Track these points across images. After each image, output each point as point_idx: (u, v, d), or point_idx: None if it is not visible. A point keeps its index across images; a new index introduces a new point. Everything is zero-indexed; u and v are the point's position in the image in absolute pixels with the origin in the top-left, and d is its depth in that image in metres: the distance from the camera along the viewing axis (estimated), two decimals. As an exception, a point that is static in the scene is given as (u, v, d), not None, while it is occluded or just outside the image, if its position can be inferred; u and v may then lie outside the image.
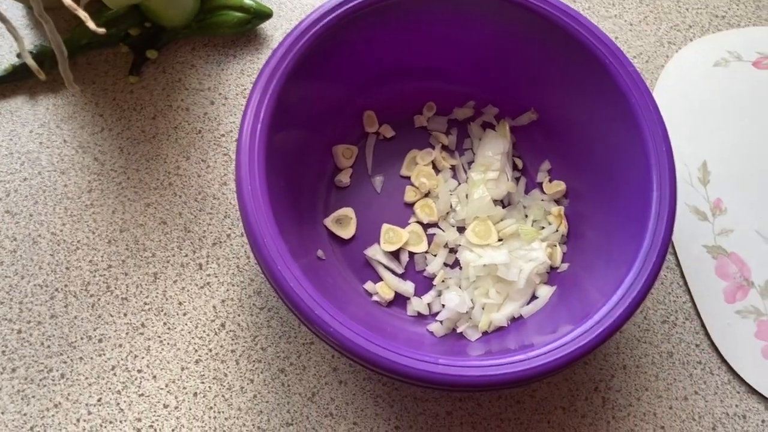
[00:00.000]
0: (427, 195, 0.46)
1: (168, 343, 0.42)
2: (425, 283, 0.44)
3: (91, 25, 0.30)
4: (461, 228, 0.45)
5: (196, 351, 0.42)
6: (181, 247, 0.44)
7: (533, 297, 0.42)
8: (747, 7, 0.54)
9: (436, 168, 0.46)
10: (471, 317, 0.42)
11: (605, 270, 0.38)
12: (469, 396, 0.42)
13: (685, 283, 0.46)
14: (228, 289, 0.43)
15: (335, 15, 0.39)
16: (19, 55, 0.46)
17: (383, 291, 0.42)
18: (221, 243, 0.44)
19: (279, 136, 0.38)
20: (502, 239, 0.44)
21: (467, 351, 0.40)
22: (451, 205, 0.45)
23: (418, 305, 0.42)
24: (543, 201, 0.45)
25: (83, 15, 0.30)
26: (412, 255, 0.44)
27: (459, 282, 0.43)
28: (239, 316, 0.43)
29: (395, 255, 0.44)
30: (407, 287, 0.43)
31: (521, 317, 0.41)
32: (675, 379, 0.44)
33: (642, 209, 0.37)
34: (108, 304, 0.43)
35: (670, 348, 0.44)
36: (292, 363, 0.42)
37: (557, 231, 0.44)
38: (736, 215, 0.48)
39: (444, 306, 0.42)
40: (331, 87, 0.43)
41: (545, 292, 0.42)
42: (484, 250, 0.43)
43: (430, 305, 0.43)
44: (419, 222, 0.45)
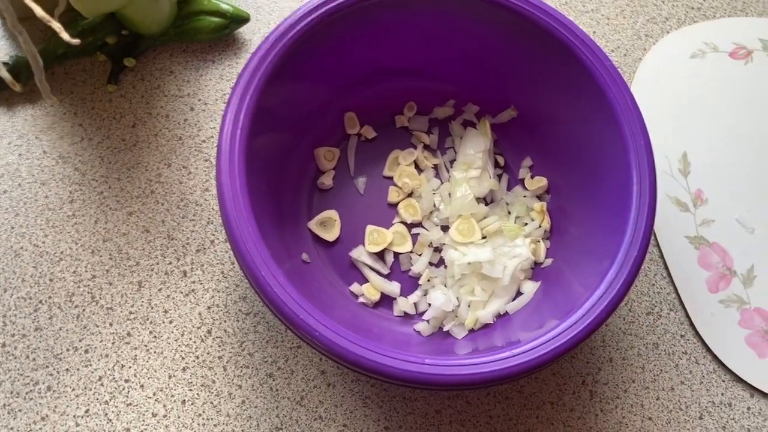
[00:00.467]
0: (411, 195, 0.46)
1: (155, 352, 0.42)
2: (411, 283, 0.44)
3: (65, 36, 0.30)
4: (445, 227, 0.45)
5: (183, 358, 0.42)
6: (165, 255, 0.44)
7: (518, 293, 0.43)
8: (722, -1, 0.55)
9: (418, 168, 0.47)
10: (457, 315, 0.42)
11: (588, 264, 0.38)
12: (458, 394, 0.42)
13: (669, 275, 0.46)
14: (213, 296, 0.43)
15: (313, 18, 0.39)
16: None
17: (369, 292, 0.42)
18: (205, 249, 0.44)
19: (259, 140, 0.37)
20: (485, 237, 0.44)
21: (454, 349, 0.40)
22: (435, 204, 0.45)
23: (404, 305, 0.42)
24: (525, 197, 0.45)
25: (57, 26, 0.30)
26: (397, 255, 0.44)
27: (444, 281, 0.43)
28: (225, 322, 0.43)
29: (380, 256, 0.44)
30: (393, 288, 0.43)
31: (507, 314, 0.42)
32: (661, 370, 0.44)
33: (622, 202, 0.37)
34: (93, 314, 0.42)
35: (655, 339, 0.45)
36: (279, 367, 0.42)
37: (540, 227, 0.44)
38: (717, 205, 0.48)
39: (430, 305, 0.42)
40: (311, 89, 0.43)
41: (530, 287, 0.42)
42: (468, 248, 0.43)
43: (416, 305, 0.43)
44: (403, 222, 0.45)
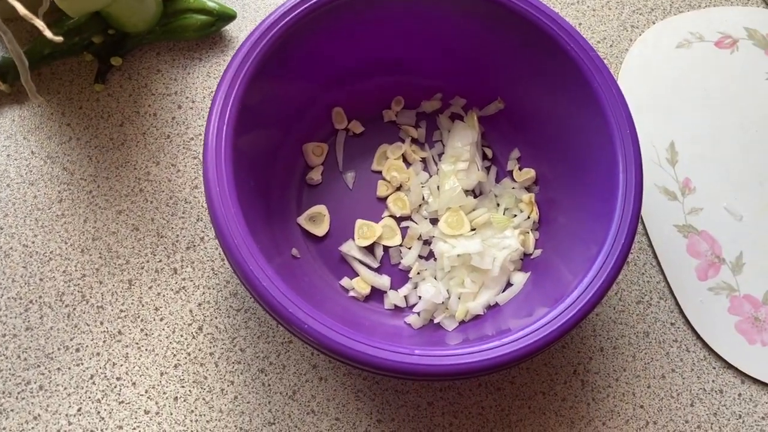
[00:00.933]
0: (399, 188, 0.46)
1: (146, 349, 0.42)
2: (401, 276, 0.44)
3: (48, 34, 0.30)
4: (434, 220, 0.45)
5: (174, 355, 0.42)
6: (155, 253, 0.44)
7: (508, 284, 0.43)
8: (707, -12, 0.55)
9: (406, 161, 0.47)
10: (447, 307, 0.42)
11: (577, 252, 0.39)
12: (450, 386, 0.43)
13: (658, 264, 0.47)
14: (204, 293, 0.43)
15: (297, 13, 0.39)
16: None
17: (359, 286, 0.43)
18: (195, 246, 0.44)
19: (246, 136, 0.38)
20: (474, 229, 0.44)
21: (445, 341, 0.40)
22: (423, 198, 0.45)
23: (394, 298, 0.43)
24: (514, 189, 0.45)
25: (40, 24, 0.30)
26: (386, 249, 0.44)
27: (434, 273, 0.43)
28: (216, 318, 0.43)
29: (370, 250, 0.44)
30: (383, 281, 0.43)
31: (497, 305, 0.42)
32: (652, 359, 0.44)
33: (609, 191, 0.37)
34: (84, 313, 0.42)
35: (645, 328, 0.45)
36: (271, 362, 0.42)
37: (529, 218, 0.44)
38: (705, 194, 0.48)
39: (420, 298, 0.42)
40: (298, 85, 0.43)
41: (520, 278, 0.42)
42: (457, 240, 0.43)
43: (406, 297, 0.43)
44: (392, 216, 0.45)
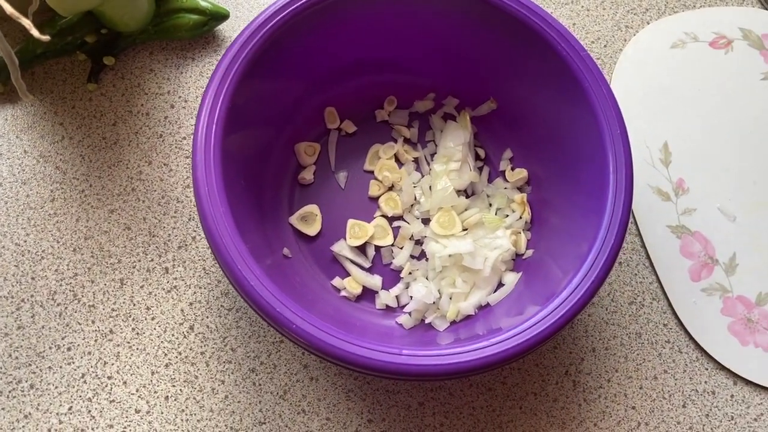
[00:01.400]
0: (391, 188, 0.46)
1: (137, 349, 0.42)
2: (393, 276, 0.44)
3: (36, 33, 0.30)
4: (426, 219, 0.45)
5: (165, 355, 0.42)
6: (147, 252, 0.44)
7: (500, 285, 0.43)
8: (703, -11, 0.55)
9: (398, 161, 0.47)
10: (439, 307, 0.42)
11: (568, 251, 0.38)
12: (441, 386, 0.43)
13: (651, 264, 0.46)
14: (195, 292, 0.43)
15: (288, 12, 0.39)
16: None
17: (351, 286, 0.43)
18: (187, 246, 0.44)
19: (236, 135, 0.38)
20: (466, 229, 0.44)
21: (436, 340, 0.40)
22: (415, 198, 0.45)
23: (386, 298, 0.43)
24: (506, 189, 0.45)
25: (27, 23, 0.30)
26: (378, 249, 0.44)
27: (426, 273, 0.43)
28: (208, 317, 0.43)
29: (362, 249, 0.44)
30: (375, 281, 0.43)
31: (488, 305, 0.42)
32: (644, 359, 0.44)
33: (600, 190, 0.37)
34: (75, 312, 0.42)
35: (638, 329, 0.45)
36: (262, 362, 0.42)
37: (521, 218, 0.44)
38: (698, 194, 0.48)
39: (411, 298, 0.42)
40: (289, 84, 0.43)
41: (511, 279, 0.42)
42: (448, 240, 0.43)
43: (398, 298, 0.43)
44: (384, 215, 0.45)
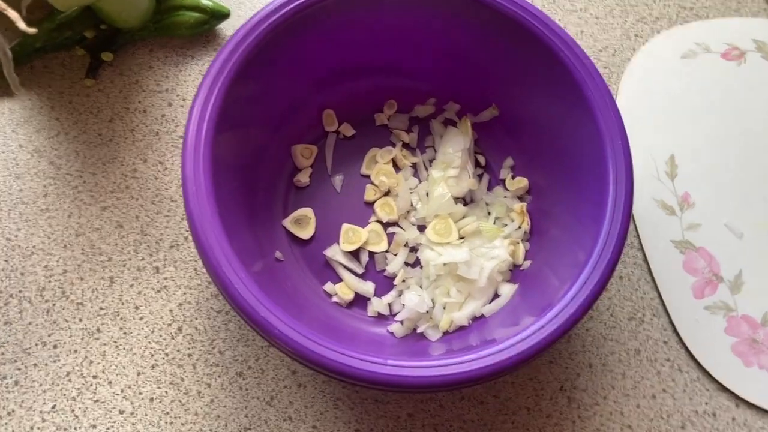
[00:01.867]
0: (388, 194, 0.45)
1: (124, 348, 0.41)
2: (386, 283, 0.43)
3: (21, 25, 0.30)
4: (422, 226, 0.44)
5: (152, 355, 0.41)
6: (138, 251, 0.44)
7: (495, 296, 0.42)
8: (716, -1, 0.54)
9: (396, 166, 0.46)
10: (432, 317, 0.41)
11: (566, 263, 0.37)
12: (431, 397, 0.42)
13: (653, 279, 0.45)
14: (185, 293, 0.43)
15: (285, 12, 0.38)
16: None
17: (343, 292, 0.42)
18: (178, 246, 0.44)
19: (229, 134, 0.37)
20: (463, 237, 0.43)
21: (428, 351, 0.39)
22: (412, 204, 0.44)
23: (378, 305, 0.42)
24: (506, 198, 0.44)
25: (14, 15, 0.30)
26: (372, 255, 0.44)
27: (420, 281, 0.42)
28: (196, 319, 0.42)
29: (355, 255, 0.43)
30: (367, 287, 0.42)
31: (483, 316, 0.41)
32: (642, 377, 0.43)
33: (599, 201, 0.36)
34: (63, 309, 0.42)
35: (637, 345, 0.44)
36: (250, 366, 0.41)
37: (520, 228, 0.43)
38: (704, 209, 0.47)
39: (404, 306, 0.41)
40: (287, 85, 0.42)
41: (507, 290, 0.41)
42: (444, 248, 0.42)
43: (390, 305, 0.42)
44: (379, 221, 0.44)
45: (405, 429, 0.41)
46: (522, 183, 0.44)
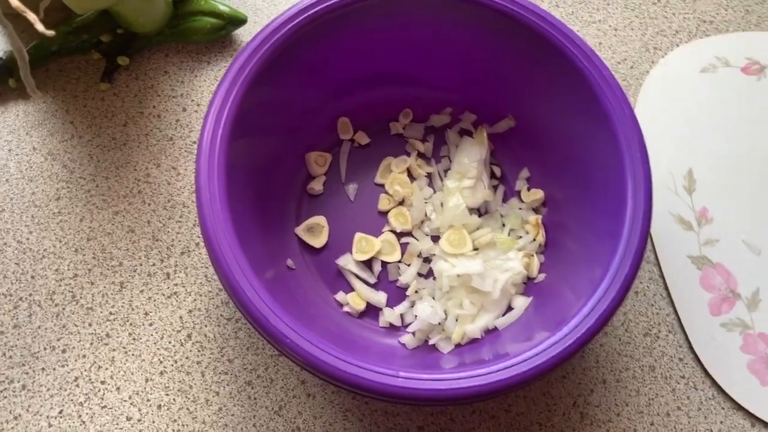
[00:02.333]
0: (402, 203, 0.44)
1: (133, 354, 0.41)
2: (398, 294, 0.43)
3: (40, 28, 0.30)
4: (436, 237, 0.44)
5: (161, 362, 0.41)
6: (149, 256, 0.43)
7: (509, 308, 0.41)
8: (736, 13, 0.53)
9: (411, 176, 0.45)
10: (444, 329, 0.40)
11: (581, 278, 0.37)
12: (442, 410, 0.41)
13: (669, 295, 0.45)
14: (195, 299, 0.42)
15: (302, 19, 0.38)
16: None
17: (354, 302, 0.41)
18: (189, 252, 0.44)
19: (244, 141, 0.37)
20: (477, 249, 0.42)
21: (440, 364, 0.38)
22: (426, 214, 0.44)
23: (390, 316, 0.41)
24: (521, 210, 0.44)
25: (32, 17, 0.30)
26: (385, 264, 0.43)
27: (432, 292, 0.42)
28: (206, 326, 0.42)
29: (368, 264, 0.43)
30: (379, 298, 0.42)
31: (496, 329, 0.40)
32: (657, 394, 0.42)
33: (617, 215, 0.35)
34: (73, 313, 0.42)
35: (652, 362, 0.43)
36: (259, 375, 0.41)
37: (534, 240, 0.43)
38: (722, 225, 0.46)
39: (416, 317, 0.41)
40: (303, 93, 0.42)
41: (521, 303, 0.40)
42: (458, 259, 0.42)
43: (402, 316, 0.42)
44: (393, 231, 0.44)
45: (415, 442, 0.40)
46: (537, 195, 0.44)
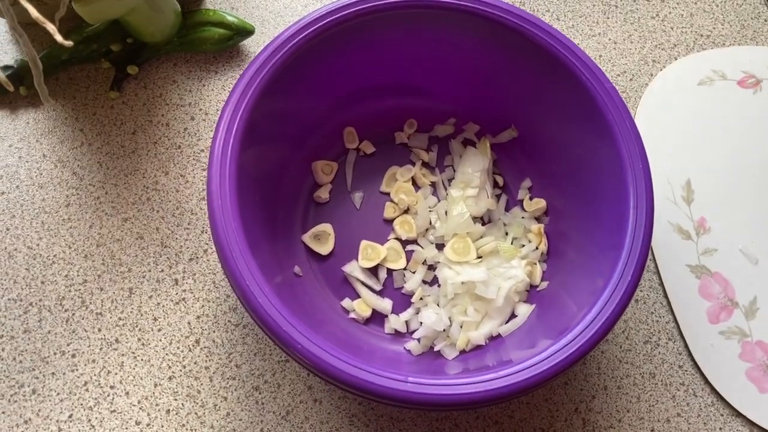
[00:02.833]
0: (407, 211, 0.45)
1: (142, 359, 0.42)
2: (403, 301, 0.43)
3: (59, 38, 0.30)
4: (440, 245, 0.44)
5: (169, 367, 0.42)
6: (158, 263, 0.44)
7: (512, 316, 0.42)
8: (732, 27, 0.54)
9: (416, 185, 0.46)
10: (449, 335, 0.41)
11: (584, 286, 0.38)
12: (447, 416, 0.42)
13: (668, 303, 0.45)
14: (203, 305, 0.43)
15: (312, 31, 0.39)
16: None
17: (360, 308, 0.42)
18: (198, 258, 0.44)
19: (254, 151, 0.37)
20: (481, 257, 0.43)
21: (444, 369, 0.39)
22: (431, 222, 0.45)
23: (395, 323, 0.42)
24: (523, 219, 0.45)
25: (51, 28, 0.30)
26: (390, 272, 0.44)
27: (437, 299, 0.43)
28: (214, 332, 0.42)
29: (373, 272, 0.44)
30: (385, 304, 0.42)
31: (500, 336, 0.41)
32: (657, 401, 0.43)
33: (619, 225, 0.36)
34: (82, 319, 0.42)
35: (652, 369, 0.44)
36: (266, 381, 0.42)
37: (537, 249, 0.43)
38: (720, 234, 0.47)
39: (421, 324, 0.41)
40: (310, 103, 0.43)
41: (524, 310, 0.41)
42: (462, 267, 0.42)
43: (408, 323, 0.42)
44: (398, 238, 0.44)
45: (420, 447, 0.41)
46: (539, 204, 0.44)
